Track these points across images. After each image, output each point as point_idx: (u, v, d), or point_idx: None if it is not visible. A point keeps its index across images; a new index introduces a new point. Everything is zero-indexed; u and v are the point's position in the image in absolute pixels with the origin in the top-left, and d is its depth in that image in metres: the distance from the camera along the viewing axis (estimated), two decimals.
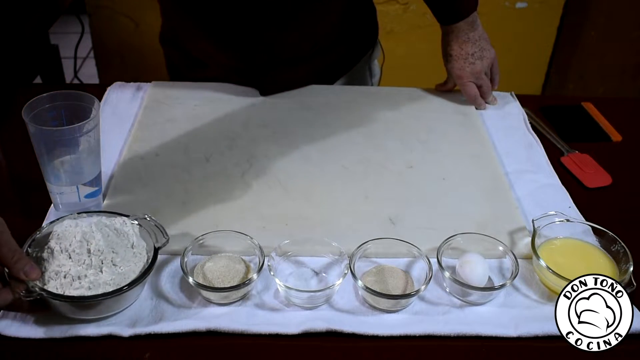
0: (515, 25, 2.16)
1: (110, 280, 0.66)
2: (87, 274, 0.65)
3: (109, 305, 0.67)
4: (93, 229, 0.67)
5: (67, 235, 0.67)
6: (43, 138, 0.72)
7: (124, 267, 0.67)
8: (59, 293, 0.64)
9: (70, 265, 0.66)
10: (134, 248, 0.70)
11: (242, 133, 0.98)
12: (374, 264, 0.76)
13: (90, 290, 0.65)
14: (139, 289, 0.69)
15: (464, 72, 1.06)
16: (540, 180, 0.92)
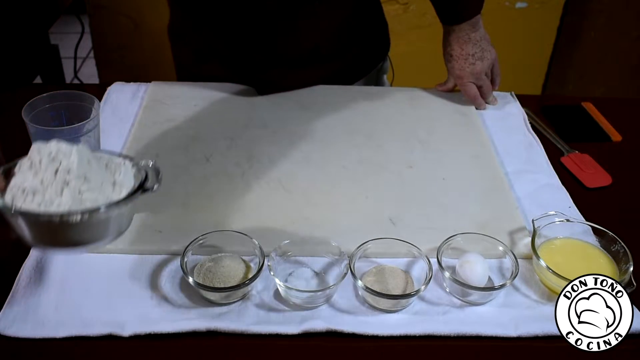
0: (515, 25, 2.16)
1: (66, 204, 0.57)
2: (45, 192, 0.58)
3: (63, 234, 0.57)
4: (72, 151, 0.60)
5: (42, 151, 0.60)
6: (43, 138, 0.72)
7: (88, 197, 0.58)
8: (5, 203, 0.57)
9: (31, 179, 0.58)
10: (115, 185, 0.62)
11: (242, 133, 0.98)
12: (374, 264, 0.76)
13: (39, 207, 0.56)
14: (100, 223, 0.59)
15: (464, 73, 1.05)
16: (540, 180, 0.92)
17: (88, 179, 0.59)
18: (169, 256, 0.76)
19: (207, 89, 1.10)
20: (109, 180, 0.62)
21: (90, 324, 0.67)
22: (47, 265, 0.74)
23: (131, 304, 0.70)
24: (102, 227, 0.60)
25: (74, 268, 0.74)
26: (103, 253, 0.76)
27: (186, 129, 0.99)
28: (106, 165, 0.64)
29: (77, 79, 2.26)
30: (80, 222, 0.57)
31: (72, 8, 2.06)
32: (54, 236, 0.59)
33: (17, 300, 0.69)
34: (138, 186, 0.62)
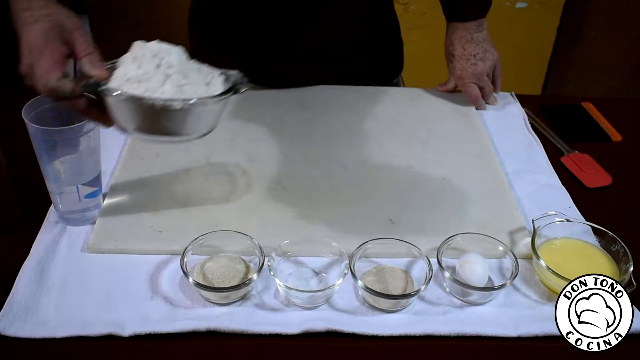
0: (515, 25, 2.16)
1: (168, 93, 0.61)
2: (148, 82, 0.62)
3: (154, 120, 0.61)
4: (172, 50, 0.65)
5: (144, 48, 0.65)
6: (43, 138, 0.72)
7: (187, 90, 0.62)
8: (114, 88, 0.62)
9: (135, 71, 0.63)
10: (208, 85, 0.66)
11: (242, 133, 0.98)
12: (374, 264, 0.76)
13: (145, 93, 0.60)
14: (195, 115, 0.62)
15: (466, 73, 1.05)
16: (540, 180, 0.92)
17: (186, 76, 0.64)
18: (169, 256, 0.76)
19: None
20: (201, 80, 0.66)
21: (90, 324, 0.67)
22: (47, 265, 0.74)
23: (131, 304, 0.70)
24: (196, 120, 0.64)
25: (74, 268, 0.74)
26: (103, 253, 0.76)
27: None
28: (198, 69, 0.67)
29: None
30: (179, 110, 0.61)
31: (72, 8, 2.06)
32: (152, 122, 0.62)
33: (17, 300, 0.69)
34: (231, 87, 0.67)
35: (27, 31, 0.66)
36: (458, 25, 1.05)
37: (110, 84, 0.63)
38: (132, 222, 0.80)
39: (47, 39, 0.65)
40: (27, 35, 0.66)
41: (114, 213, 0.81)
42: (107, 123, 0.66)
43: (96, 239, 0.77)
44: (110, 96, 0.62)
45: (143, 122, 0.63)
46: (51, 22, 0.67)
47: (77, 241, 0.78)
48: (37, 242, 0.77)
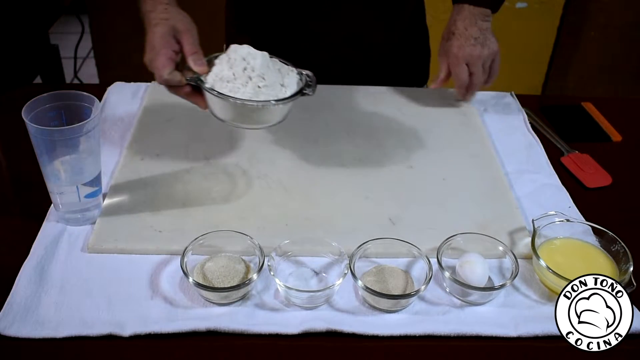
0: (515, 25, 2.16)
1: (247, 93, 0.78)
2: (234, 82, 0.79)
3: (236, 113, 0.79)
4: (258, 56, 0.80)
5: (237, 51, 0.81)
6: (43, 138, 0.72)
7: (263, 92, 0.78)
8: (208, 86, 0.79)
9: (227, 71, 0.79)
10: (283, 86, 0.81)
11: (242, 133, 0.98)
12: (374, 264, 0.76)
13: (230, 92, 0.78)
14: (267, 111, 0.79)
15: (462, 52, 1.01)
16: (540, 180, 0.92)
17: (265, 79, 0.79)
18: (169, 256, 0.76)
19: None
20: (279, 81, 0.81)
21: (90, 324, 0.67)
22: (47, 265, 0.74)
23: (131, 304, 0.70)
24: (268, 114, 0.81)
25: (74, 268, 0.74)
26: (103, 253, 0.76)
27: (186, 129, 0.99)
28: (279, 70, 0.83)
29: (77, 79, 2.26)
30: (254, 108, 0.78)
31: (72, 8, 2.06)
32: (233, 113, 0.80)
33: (17, 300, 0.69)
34: (299, 90, 0.82)
35: (150, 32, 0.85)
36: (464, 7, 1.03)
37: (207, 79, 0.80)
38: (132, 222, 0.80)
39: (163, 41, 0.83)
40: (149, 36, 0.85)
41: (114, 213, 0.81)
42: (203, 106, 0.83)
43: (96, 239, 0.77)
44: (205, 89, 0.79)
45: (227, 112, 0.81)
46: (168, 25, 0.84)
47: (77, 241, 0.78)
48: (37, 242, 0.77)
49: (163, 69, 0.80)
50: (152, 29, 0.85)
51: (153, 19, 0.86)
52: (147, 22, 0.87)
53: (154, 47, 0.83)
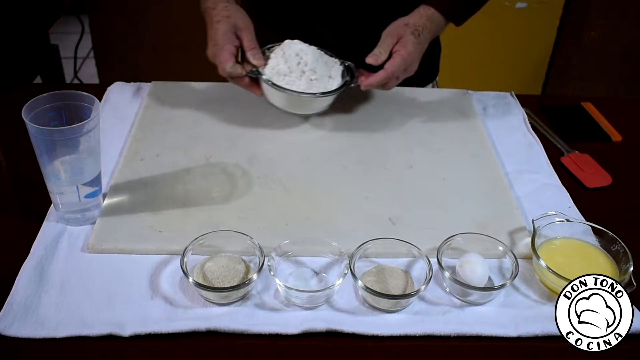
0: (515, 25, 2.16)
1: (302, 86, 0.92)
2: (290, 75, 0.93)
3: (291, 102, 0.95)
4: (309, 51, 0.94)
5: (291, 47, 0.95)
6: (43, 138, 0.72)
7: (315, 84, 0.93)
8: (267, 78, 0.93)
9: (283, 65, 0.93)
10: (330, 78, 0.96)
11: (242, 133, 0.98)
12: (374, 264, 0.76)
13: (286, 85, 0.92)
14: (317, 101, 0.95)
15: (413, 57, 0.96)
16: (540, 180, 0.92)
17: (316, 72, 0.94)
18: (169, 256, 0.76)
19: (207, 89, 1.10)
20: (327, 74, 0.96)
21: (90, 324, 0.67)
22: (47, 265, 0.74)
23: (131, 304, 0.70)
24: (319, 103, 0.97)
25: (74, 268, 0.74)
26: (103, 253, 0.76)
27: (186, 129, 0.99)
28: (326, 62, 0.96)
29: (77, 79, 2.26)
30: (307, 99, 0.94)
31: (72, 8, 2.06)
32: (288, 103, 0.96)
33: (17, 300, 0.69)
34: (344, 83, 0.96)
35: (212, 28, 0.94)
36: (436, 14, 0.99)
37: (264, 71, 0.93)
38: (132, 222, 0.80)
39: (225, 37, 0.92)
40: (212, 32, 0.94)
41: (114, 213, 0.81)
42: (259, 94, 0.96)
43: (96, 239, 0.77)
44: (263, 81, 0.93)
45: (282, 102, 0.96)
46: (229, 23, 0.93)
47: (77, 241, 0.78)
48: (37, 242, 0.77)
49: (226, 62, 0.91)
50: (214, 25, 0.93)
51: (215, 15, 0.94)
52: (209, 18, 0.95)
53: (217, 43, 0.92)
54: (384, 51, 0.96)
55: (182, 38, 2.10)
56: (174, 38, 2.12)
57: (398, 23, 0.98)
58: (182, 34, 2.11)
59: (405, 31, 0.97)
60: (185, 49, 2.07)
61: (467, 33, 2.09)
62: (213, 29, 0.93)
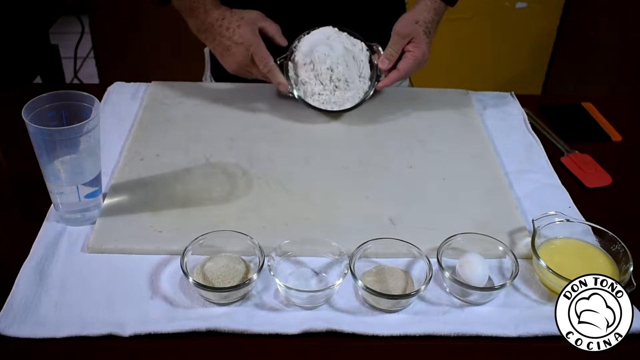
0: (515, 25, 2.16)
1: (335, 102, 0.97)
2: (324, 92, 0.97)
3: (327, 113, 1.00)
4: (340, 60, 0.96)
5: (321, 60, 0.96)
6: (43, 138, 0.72)
7: (348, 96, 0.97)
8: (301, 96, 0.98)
9: (315, 85, 0.97)
10: (360, 77, 0.98)
11: (242, 133, 0.98)
12: (374, 264, 0.76)
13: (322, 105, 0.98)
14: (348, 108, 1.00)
15: (425, 57, 0.98)
16: (540, 180, 0.92)
17: (348, 82, 0.97)
18: (169, 256, 0.76)
19: (207, 89, 1.10)
20: (357, 73, 0.99)
21: (90, 324, 0.67)
22: (47, 265, 0.74)
23: (131, 304, 0.70)
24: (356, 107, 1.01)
25: (74, 268, 0.74)
26: (103, 253, 0.76)
27: (186, 129, 0.99)
28: (354, 58, 0.98)
29: (77, 79, 2.26)
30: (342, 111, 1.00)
31: (72, 8, 2.06)
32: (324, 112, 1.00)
33: (17, 300, 0.69)
34: (372, 84, 1.00)
35: (235, 34, 0.92)
36: (439, 2, 1.00)
37: (298, 91, 0.99)
38: (132, 222, 0.80)
39: (256, 35, 0.92)
40: (238, 37, 0.92)
41: (114, 213, 0.81)
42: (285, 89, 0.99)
43: (96, 239, 0.77)
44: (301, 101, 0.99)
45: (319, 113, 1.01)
46: (251, 22, 0.93)
47: (77, 241, 0.78)
48: (37, 242, 0.77)
49: (268, 57, 0.93)
50: (235, 30, 0.92)
51: (230, 22, 0.93)
52: (219, 27, 0.94)
53: (250, 45, 0.92)
54: (395, 52, 0.98)
55: (182, 38, 2.10)
56: (174, 38, 2.12)
57: (408, 20, 0.98)
58: (182, 33, 2.11)
59: (417, 30, 0.98)
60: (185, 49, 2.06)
61: (467, 33, 2.10)
62: (236, 34, 0.92)
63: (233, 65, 0.95)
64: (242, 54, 0.93)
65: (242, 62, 0.94)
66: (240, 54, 0.93)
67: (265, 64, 0.93)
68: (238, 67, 0.95)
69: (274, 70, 0.95)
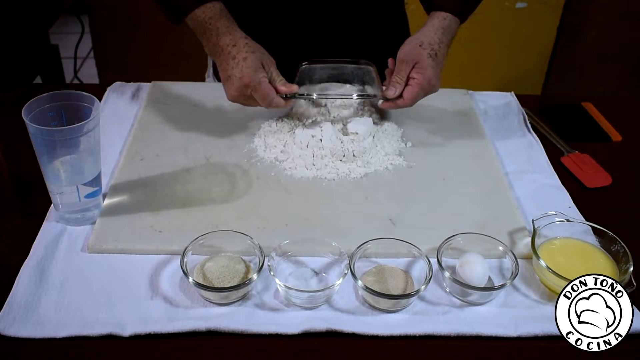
0: (515, 25, 2.16)
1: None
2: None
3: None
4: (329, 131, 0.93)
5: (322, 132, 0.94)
6: (43, 138, 0.72)
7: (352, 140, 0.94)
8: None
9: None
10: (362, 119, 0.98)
11: (242, 133, 0.98)
12: (374, 264, 0.76)
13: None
14: None
15: (433, 82, 0.92)
16: (540, 180, 0.92)
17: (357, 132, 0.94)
18: (169, 256, 0.76)
19: (207, 89, 1.10)
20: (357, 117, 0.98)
21: (90, 324, 0.67)
22: (47, 265, 0.74)
23: (131, 304, 0.70)
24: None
25: (74, 268, 0.74)
26: (103, 253, 0.76)
27: (186, 129, 0.99)
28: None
29: (77, 79, 2.26)
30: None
31: (72, 8, 2.06)
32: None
33: (17, 300, 0.69)
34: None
35: (238, 67, 0.89)
36: (448, 18, 0.94)
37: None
38: (132, 222, 0.80)
39: (258, 71, 0.89)
40: (238, 69, 0.89)
41: (114, 213, 0.81)
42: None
43: (96, 239, 0.77)
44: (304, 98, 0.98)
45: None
46: (256, 58, 0.89)
47: (77, 241, 0.78)
48: (37, 242, 0.77)
49: (271, 91, 0.89)
50: (240, 62, 0.89)
51: (238, 52, 0.89)
52: (227, 56, 0.90)
53: (250, 82, 0.88)
54: (400, 80, 0.92)
55: (182, 38, 2.10)
56: (174, 38, 2.12)
57: (412, 45, 0.92)
58: (182, 33, 2.11)
59: (421, 54, 0.91)
60: (185, 49, 2.06)
61: (467, 33, 2.09)
62: (238, 67, 0.88)
63: (229, 96, 0.92)
64: (239, 90, 0.89)
65: (237, 97, 0.91)
66: (236, 90, 0.90)
67: (269, 103, 0.90)
68: (234, 99, 0.92)
69: (278, 105, 0.92)
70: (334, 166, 0.91)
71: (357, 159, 0.92)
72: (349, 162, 0.91)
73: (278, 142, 0.94)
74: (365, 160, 0.92)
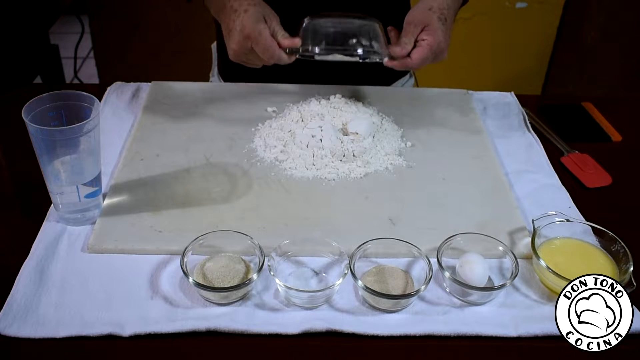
0: (515, 25, 2.16)
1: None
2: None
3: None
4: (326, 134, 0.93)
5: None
6: (43, 138, 0.72)
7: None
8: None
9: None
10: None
11: (242, 133, 0.98)
12: (374, 264, 0.76)
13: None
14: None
15: (442, 45, 0.91)
16: (540, 180, 0.92)
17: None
18: (169, 256, 0.76)
19: (207, 89, 1.10)
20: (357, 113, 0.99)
21: (90, 324, 0.67)
22: (47, 265, 0.74)
23: (131, 304, 0.70)
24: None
25: (74, 268, 0.74)
26: (103, 253, 0.76)
27: (186, 129, 0.99)
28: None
29: (77, 79, 2.26)
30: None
31: (72, 8, 2.06)
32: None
33: (17, 300, 0.69)
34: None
35: (239, 18, 0.88)
36: None
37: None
38: (132, 222, 0.80)
39: (259, 22, 0.87)
40: (240, 21, 0.88)
41: (114, 213, 0.81)
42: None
43: (96, 239, 0.77)
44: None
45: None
46: (258, 11, 0.88)
47: (77, 241, 0.78)
48: (37, 242, 0.77)
49: (273, 43, 0.87)
50: (241, 14, 0.88)
51: (240, 5, 0.89)
52: (229, 11, 0.90)
53: (252, 31, 0.87)
54: (408, 41, 0.90)
55: (182, 38, 2.10)
56: (173, 38, 2.12)
57: (421, 8, 0.92)
58: (182, 33, 2.11)
59: (430, 17, 0.91)
60: (185, 49, 2.07)
61: (467, 33, 2.10)
62: (240, 18, 0.87)
63: (231, 52, 0.90)
64: (239, 43, 0.88)
65: (238, 52, 0.89)
66: (236, 43, 0.88)
67: (271, 55, 0.88)
68: (236, 55, 0.90)
69: (280, 59, 0.89)
70: (334, 166, 0.91)
71: (357, 159, 0.91)
72: (349, 162, 0.91)
73: (278, 142, 0.94)
74: (365, 160, 0.92)
